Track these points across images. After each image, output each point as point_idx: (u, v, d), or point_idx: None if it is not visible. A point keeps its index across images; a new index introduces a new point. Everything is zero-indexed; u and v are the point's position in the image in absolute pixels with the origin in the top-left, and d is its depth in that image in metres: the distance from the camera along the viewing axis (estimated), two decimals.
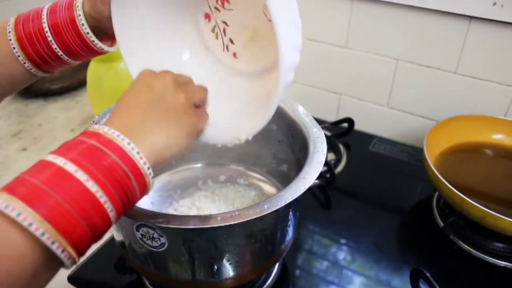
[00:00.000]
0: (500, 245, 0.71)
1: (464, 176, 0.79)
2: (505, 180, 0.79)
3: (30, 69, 0.52)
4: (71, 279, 0.66)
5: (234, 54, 0.55)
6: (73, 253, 0.33)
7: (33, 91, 1.14)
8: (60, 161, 0.34)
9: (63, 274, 0.68)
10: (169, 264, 0.53)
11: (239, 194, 0.71)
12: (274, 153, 0.71)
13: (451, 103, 0.93)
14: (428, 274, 0.63)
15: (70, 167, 0.33)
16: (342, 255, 0.72)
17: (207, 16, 0.56)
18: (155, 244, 0.50)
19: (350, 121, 1.00)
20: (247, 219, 0.45)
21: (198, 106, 0.47)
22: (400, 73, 0.96)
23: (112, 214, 0.35)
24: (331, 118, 1.07)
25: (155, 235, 0.48)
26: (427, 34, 0.89)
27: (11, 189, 0.32)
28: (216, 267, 0.53)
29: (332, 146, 0.96)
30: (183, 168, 0.77)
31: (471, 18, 0.82)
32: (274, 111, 0.46)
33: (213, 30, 0.56)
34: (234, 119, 0.53)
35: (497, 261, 0.70)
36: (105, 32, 0.53)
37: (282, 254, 0.59)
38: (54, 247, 0.32)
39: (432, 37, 0.88)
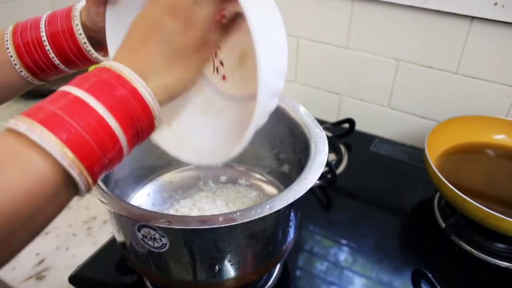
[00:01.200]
0: (501, 245, 0.71)
1: (465, 177, 0.78)
2: (507, 180, 0.79)
3: (27, 77, 0.53)
4: (72, 279, 0.66)
5: (224, 77, 0.54)
6: (89, 178, 0.34)
7: (34, 92, 1.13)
8: (77, 91, 0.34)
9: (64, 275, 0.68)
10: (170, 265, 0.53)
11: (240, 195, 0.71)
12: (275, 153, 0.70)
13: (452, 104, 0.93)
14: (429, 275, 0.63)
15: (87, 97, 0.34)
16: (343, 255, 0.72)
17: None
18: (156, 244, 0.50)
19: (351, 121, 1.00)
20: (249, 219, 0.45)
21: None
22: (401, 73, 0.95)
23: (124, 147, 0.36)
24: (332, 118, 1.07)
25: (157, 236, 0.48)
26: (428, 35, 0.88)
27: (30, 114, 0.33)
28: (217, 267, 0.53)
29: (333, 147, 0.96)
30: (184, 169, 0.76)
31: (472, 18, 0.82)
32: (248, 140, 0.43)
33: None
34: (213, 141, 0.51)
35: (498, 261, 0.70)
36: (100, 43, 0.53)
37: (283, 254, 0.59)
38: (72, 171, 0.32)
39: (433, 38, 0.88)
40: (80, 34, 0.51)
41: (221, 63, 0.54)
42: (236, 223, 0.44)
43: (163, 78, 0.39)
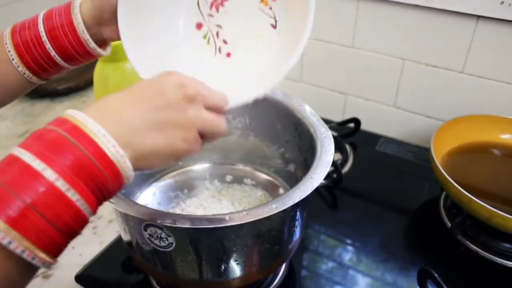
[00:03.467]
0: (508, 245, 0.71)
1: (471, 176, 0.78)
2: None
3: (28, 77, 0.53)
4: (78, 278, 0.66)
5: (228, 54, 0.56)
6: (45, 257, 0.31)
7: (40, 92, 1.14)
8: (27, 157, 0.31)
9: (70, 274, 0.69)
10: (176, 264, 0.53)
11: (246, 194, 0.71)
12: (281, 153, 0.70)
13: (458, 103, 0.93)
14: (435, 275, 0.63)
15: (38, 165, 0.31)
16: (349, 255, 0.72)
17: (199, 26, 0.57)
18: (162, 244, 0.50)
19: (356, 121, 1.00)
20: (255, 218, 0.45)
21: (203, 136, 0.42)
22: (407, 73, 0.95)
23: (86, 211, 0.33)
24: (337, 118, 1.07)
25: (163, 235, 0.49)
26: (433, 34, 0.88)
27: None
28: (223, 267, 0.53)
29: (338, 146, 0.96)
30: (189, 168, 0.77)
31: (478, 17, 0.82)
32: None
33: (204, 37, 0.57)
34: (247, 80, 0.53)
35: (505, 261, 0.69)
36: (99, 37, 0.54)
37: (289, 254, 0.59)
38: (24, 255, 0.30)
39: (439, 37, 0.88)
40: (81, 27, 0.51)
41: (225, 42, 0.56)
42: (242, 222, 0.44)
43: (137, 143, 0.36)
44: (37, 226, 0.30)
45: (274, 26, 0.53)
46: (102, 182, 0.34)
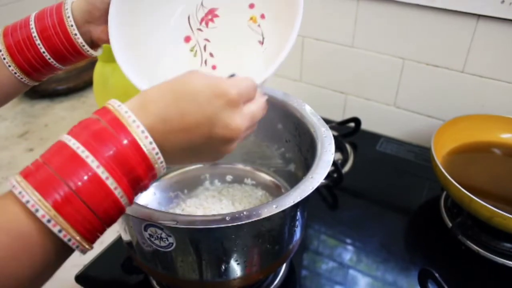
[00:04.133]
0: (508, 245, 0.71)
1: (472, 176, 0.78)
2: None
3: (21, 78, 0.54)
4: (78, 278, 0.66)
5: (214, 67, 0.57)
6: (81, 241, 0.33)
7: (40, 92, 1.14)
8: (73, 144, 0.33)
9: (70, 274, 0.68)
10: (176, 264, 0.53)
11: (246, 194, 0.71)
12: (281, 152, 0.70)
13: (459, 103, 0.92)
14: (436, 275, 0.63)
15: (82, 152, 0.33)
16: (349, 255, 0.72)
17: (187, 39, 0.58)
18: (163, 244, 0.50)
19: (356, 120, 0.99)
20: (256, 219, 0.45)
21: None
22: (407, 72, 0.95)
23: (123, 200, 0.35)
24: (337, 117, 1.07)
25: (163, 235, 0.48)
26: (434, 33, 0.88)
27: (27, 174, 0.33)
28: (223, 267, 0.53)
29: (339, 146, 0.96)
30: (190, 168, 0.76)
31: (479, 16, 0.82)
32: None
33: (191, 49, 0.58)
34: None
35: (506, 261, 0.69)
36: (89, 37, 0.54)
37: (289, 254, 0.59)
38: (61, 235, 0.32)
39: (439, 36, 0.88)
40: (72, 26, 0.52)
41: (211, 55, 0.57)
42: (243, 222, 0.44)
43: (168, 157, 0.37)
44: (77, 210, 0.32)
45: (262, 43, 0.54)
46: (139, 174, 0.35)
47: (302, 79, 1.09)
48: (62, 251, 0.34)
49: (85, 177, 0.33)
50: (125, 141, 0.34)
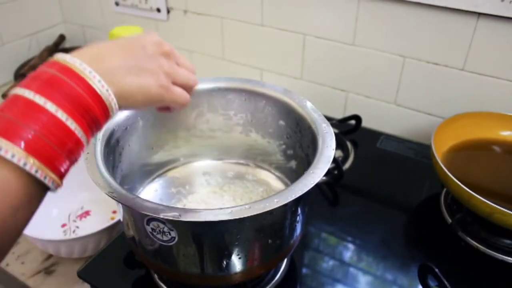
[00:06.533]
0: (508, 241, 0.71)
1: (472, 173, 0.78)
2: None
3: None
4: (81, 273, 0.66)
5: None
6: (55, 177, 0.36)
7: None
8: (28, 93, 0.36)
9: (73, 269, 0.69)
10: (178, 258, 0.53)
11: (247, 190, 0.72)
12: (282, 149, 0.71)
13: (459, 100, 0.93)
14: (436, 270, 0.63)
15: (39, 99, 0.35)
16: (349, 251, 0.72)
17: None
18: (165, 238, 0.50)
19: (357, 118, 1.00)
20: (257, 212, 0.45)
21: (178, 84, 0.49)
22: (407, 70, 0.96)
23: (83, 139, 0.38)
24: (338, 115, 1.08)
25: (165, 229, 0.49)
26: (434, 31, 0.88)
27: None
28: (225, 261, 0.53)
29: (339, 143, 0.96)
30: (191, 164, 0.77)
31: (479, 14, 0.82)
32: None
33: None
34: None
35: (505, 257, 0.70)
36: None
37: (290, 249, 0.60)
38: (38, 175, 0.35)
39: (440, 34, 0.88)
40: None
41: None
42: (245, 216, 0.45)
43: (118, 82, 0.42)
44: (46, 150, 0.35)
45: None
46: (94, 114, 0.39)
47: (303, 77, 1.10)
48: (38, 191, 0.36)
49: (45, 120, 0.35)
50: (77, 85, 0.38)
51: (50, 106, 0.35)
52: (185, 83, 0.50)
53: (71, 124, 0.37)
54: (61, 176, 0.37)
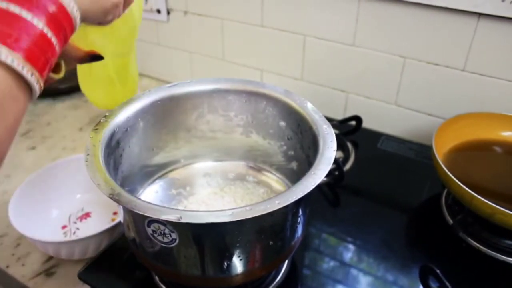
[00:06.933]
0: (509, 242, 0.71)
1: (473, 174, 0.78)
2: None
3: None
4: (81, 275, 0.66)
5: None
6: (39, 78, 0.38)
7: (42, 91, 1.14)
8: (5, 5, 0.37)
9: (73, 271, 0.69)
10: (179, 260, 0.53)
11: (248, 191, 0.71)
12: (283, 150, 0.71)
13: (459, 101, 0.93)
14: (438, 271, 0.63)
15: (14, 8, 0.37)
16: (350, 252, 0.72)
17: None
18: (166, 240, 0.50)
19: (358, 119, 1.00)
20: (259, 214, 0.45)
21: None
22: (408, 71, 0.95)
23: (57, 48, 0.41)
24: (338, 116, 1.08)
25: (166, 231, 0.49)
26: (434, 32, 0.88)
27: None
28: (226, 263, 0.53)
29: (340, 144, 0.96)
30: (191, 166, 0.77)
31: (480, 15, 0.82)
32: None
33: None
34: None
35: (507, 258, 0.70)
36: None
37: (292, 250, 0.59)
38: (24, 72, 0.36)
39: (440, 35, 0.88)
40: None
41: None
42: (246, 217, 0.44)
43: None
44: (32, 52, 0.37)
45: None
46: (63, 25, 0.41)
47: (303, 78, 1.10)
48: (20, 92, 0.38)
49: (26, 28, 0.37)
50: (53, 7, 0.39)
51: (36, 21, 0.37)
52: None
53: (47, 32, 0.39)
54: (43, 80, 0.39)
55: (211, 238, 0.51)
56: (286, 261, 0.68)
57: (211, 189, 0.72)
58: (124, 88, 0.97)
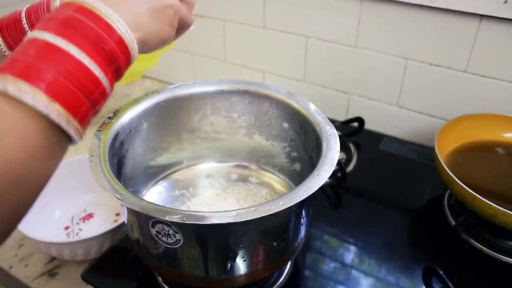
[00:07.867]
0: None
1: (475, 175, 0.78)
2: None
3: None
4: (85, 276, 0.66)
5: None
6: (77, 124, 0.33)
7: None
8: (48, 36, 0.33)
9: (76, 271, 0.69)
10: (183, 261, 0.53)
11: (251, 193, 0.72)
12: (286, 151, 0.71)
13: (461, 102, 0.93)
14: (441, 272, 0.63)
15: (60, 42, 0.33)
16: (353, 254, 0.72)
17: None
18: (170, 240, 0.50)
19: (360, 120, 1.00)
20: (263, 215, 0.45)
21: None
22: (410, 72, 0.96)
23: (106, 84, 0.36)
24: (341, 117, 1.08)
25: (171, 232, 0.49)
26: (436, 33, 0.89)
27: (4, 68, 0.31)
28: (229, 263, 0.53)
29: (342, 145, 0.96)
30: (194, 167, 0.77)
31: (482, 16, 0.82)
32: None
33: None
34: None
35: (509, 259, 0.70)
36: None
37: (295, 251, 0.60)
38: (61, 122, 0.32)
39: (442, 36, 0.88)
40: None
41: None
42: (250, 218, 0.45)
43: (142, 27, 0.40)
44: (67, 94, 0.32)
45: None
46: (116, 58, 0.36)
47: (305, 79, 1.10)
48: (59, 141, 0.33)
49: (67, 63, 0.32)
50: (99, 27, 0.35)
51: (74, 50, 0.33)
52: (187, 22, 0.52)
53: (95, 70, 0.34)
54: (83, 124, 0.35)
55: (215, 239, 0.51)
56: (289, 262, 0.68)
57: (214, 190, 0.73)
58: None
